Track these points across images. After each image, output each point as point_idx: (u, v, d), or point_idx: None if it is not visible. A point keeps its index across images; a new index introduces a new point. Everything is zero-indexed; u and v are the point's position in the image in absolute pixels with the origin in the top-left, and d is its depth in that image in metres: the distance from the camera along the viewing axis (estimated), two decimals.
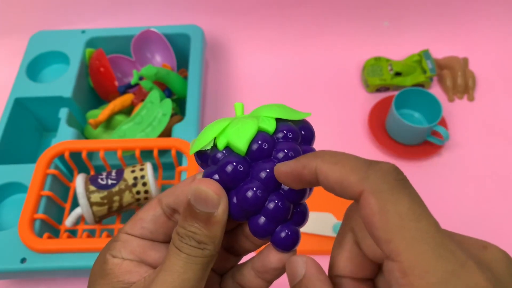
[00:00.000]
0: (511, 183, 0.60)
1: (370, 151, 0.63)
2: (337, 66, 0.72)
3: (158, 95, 0.56)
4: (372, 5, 0.73)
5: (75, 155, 0.51)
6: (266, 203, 0.19)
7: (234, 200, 0.19)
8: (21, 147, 0.59)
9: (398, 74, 0.68)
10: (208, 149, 0.20)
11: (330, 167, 0.17)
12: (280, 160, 0.19)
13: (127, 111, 0.61)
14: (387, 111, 0.63)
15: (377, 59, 0.70)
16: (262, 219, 0.19)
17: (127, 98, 0.60)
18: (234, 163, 0.19)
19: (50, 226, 0.48)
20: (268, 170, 0.19)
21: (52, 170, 0.49)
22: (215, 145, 0.20)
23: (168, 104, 0.55)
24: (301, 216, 0.20)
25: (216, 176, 0.19)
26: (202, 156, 0.20)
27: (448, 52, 0.71)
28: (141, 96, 0.59)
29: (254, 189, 0.19)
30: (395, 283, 0.15)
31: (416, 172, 0.61)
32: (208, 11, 0.74)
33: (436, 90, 0.69)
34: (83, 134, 0.60)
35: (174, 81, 0.60)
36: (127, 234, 0.22)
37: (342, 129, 0.65)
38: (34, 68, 0.63)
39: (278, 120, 0.20)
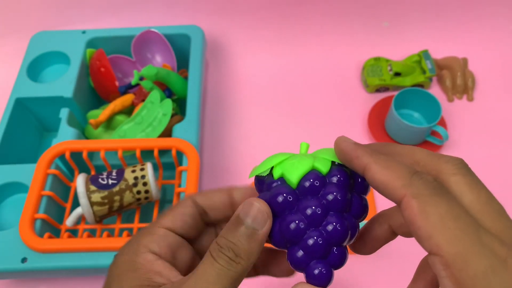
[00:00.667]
0: (511, 182, 0.60)
1: None
2: (337, 66, 0.72)
3: (158, 95, 0.56)
4: (371, 5, 0.73)
5: (76, 155, 0.51)
6: (306, 237, 0.20)
7: (278, 227, 0.20)
8: (22, 147, 0.59)
9: (397, 74, 0.68)
10: (265, 176, 0.22)
11: (380, 170, 0.19)
12: (327, 201, 0.20)
13: (128, 111, 0.61)
14: (386, 111, 0.64)
15: (377, 59, 0.70)
16: (300, 252, 0.20)
17: (127, 98, 0.60)
18: (284, 194, 0.20)
19: (50, 226, 0.48)
20: (313, 207, 0.20)
21: (52, 170, 0.49)
22: (271, 174, 0.21)
23: (168, 104, 0.55)
24: (339, 258, 0.20)
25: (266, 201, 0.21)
26: (259, 181, 0.22)
27: (448, 53, 0.71)
28: (142, 96, 0.59)
29: (297, 221, 0.20)
30: (438, 275, 0.16)
31: None
32: (208, 12, 0.74)
33: (435, 90, 0.69)
34: (83, 134, 0.61)
35: (175, 81, 0.61)
36: (166, 229, 0.22)
37: (342, 129, 0.65)
38: (34, 68, 0.63)
39: (335, 164, 0.21)
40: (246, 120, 0.67)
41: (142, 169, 0.48)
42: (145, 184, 0.47)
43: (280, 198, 0.20)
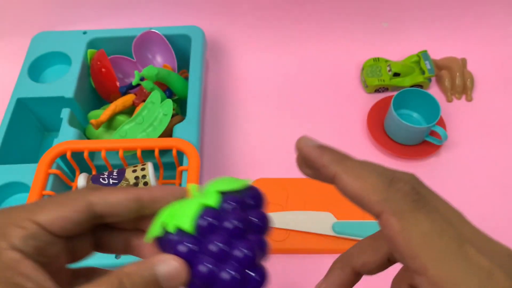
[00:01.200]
0: (509, 182, 0.60)
1: (369, 151, 0.63)
2: (336, 67, 0.73)
3: (159, 95, 0.57)
4: (371, 6, 0.73)
5: (77, 155, 0.52)
6: (222, 275, 0.19)
7: (192, 277, 0.20)
8: (23, 147, 0.60)
9: (396, 74, 0.68)
10: (162, 236, 0.20)
11: (351, 181, 0.18)
12: (230, 231, 0.19)
13: (129, 111, 0.61)
14: (385, 111, 0.64)
15: (376, 60, 0.71)
16: None
17: (128, 98, 0.60)
18: (185, 243, 0.19)
19: None
20: (216, 243, 0.19)
21: (54, 170, 0.49)
22: (166, 230, 0.20)
23: (169, 104, 0.55)
24: (260, 276, 0.20)
25: None
26: (160, 242, 0.20)
27: (447, 53, 0.72)
28: (142, 96, 0.60)
29: (207, 264, 0.19)
30: None
31: (414, 172, 0.60)
32: (209, 12, 0.74)
33: (434, 91, 0.70)
34: (84, 134, 0.61)
35: (175, 82, 0.61)
36: (39, 226, 0.18)
37: (341, 129, 0.66)
38: (36, 68, 0.63)
39: (224, 193, 0.20)
40: (246, 120, 0.67)
41: (143, 169, 0.48)
42: (146, 183, 0.47)
43: (183, 249, 0.19)
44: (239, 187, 0.21)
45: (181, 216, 0.20)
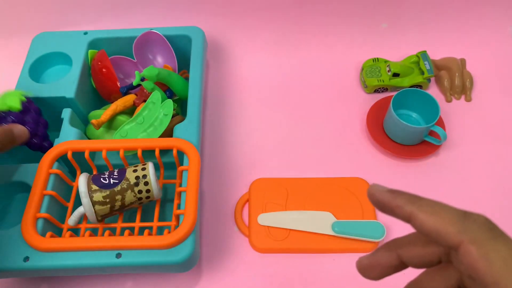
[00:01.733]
0: (508, 182, 0.60)
1: (368, 151, 0.64)
2: (335, 67, 0.73)
3: (159, 95, 0.57)
4: (370, 6, 0.74)
5: (78, 155, 0.52)
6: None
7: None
8: (24, 147, 0.60)
9: (396, 75, 0.68)
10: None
11: (427, 218, 0.19)
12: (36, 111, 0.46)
13: (129, 111, 0.62)
14: (385, 111, 0.64)
15: (375, 60, 0.71)
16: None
17: (129, 98, 0.60)
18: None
19: (53, 225, 0.48)
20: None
21: (55, 170, 0.50)
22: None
23: (169, 104, 0.56)
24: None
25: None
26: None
27: (446, 53, 0.72)
28: (143, 96, 0.60)
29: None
30: None
31: (414, 172, 0.61)
32: (209, 13, 0.74)
33: (433, 91, 0.70)
34: (85, 134, 0.61)
35: (176, 82, 0.61)
36: None
37: (341, 129, 0.66)
38: (36, 69, 0.63)
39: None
40: (246, 120, 0.67)
41: (143, 169, 0.48)
42: (146, 183, 0.48)
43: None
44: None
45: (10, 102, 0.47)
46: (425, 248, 0.21)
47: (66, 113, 0.57)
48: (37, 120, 0.55)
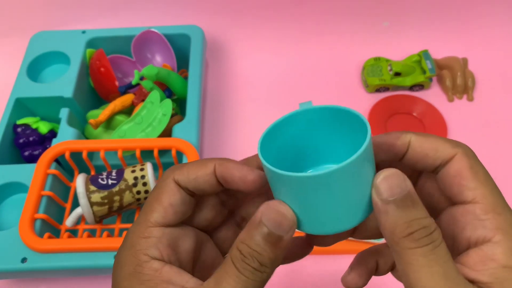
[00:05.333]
0: (510, 182, 0.60)
1: None
2: (336, 66, 0.72)
3: (158, 95, 0.56)
4: (371, 5, 0.73)
5: (76, 155, 0.51)
6: None
7: None
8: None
9: (397, 74, 0.68)
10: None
11: (425, 139, 0.21)
12: None
13: (128, 111, 0.61)
14: (386, 111, 0.64)
15: (377, 59, 0.70)
16: None
17: (127, 98, 0.60)
18: None
19: (50, 226, 0.48)
20: None
21: (52, 170, 0.49)
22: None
23: (168, 104, 0.55)
24: None
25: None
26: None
27: (448, 53, 0.71)
28: (142, 96, 0.59)
29: None
30: (474, 218, 0.19)
31: None
32: (208, 12, 0.74)
33: (435, 90, 0.70)
34: (83, 134, 0.61)
35: (175, 81, 0.61)
36: (160, 227, 0.20)
37: None
38: (34, 68, 0.63)
39: None
40: (246, 120, 0.67)
41: (142, 169, 0.48)
42: (145, 184, 0.47)
43: None
44: None
45: None
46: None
47: (64, 113, 0.57)
48: None
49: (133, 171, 0.48)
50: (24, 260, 0.44)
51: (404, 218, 0.18)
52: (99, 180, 0.47)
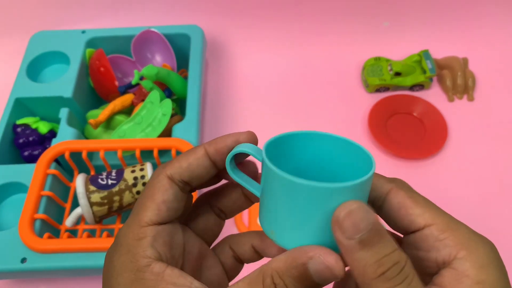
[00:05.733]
0: (510, 182, 0.60)
1: (370, 150, 0.63)
2: (337, 66, 0.72)
3: (158, 95, 0.56)
4: (372, 5, 0.73)
5: (76, 155, 0.51)
6: None
7: None
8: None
9: (398, 74, 0.68)
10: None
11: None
12: None
13: (127, 111, 0.61)
14: (387, 111, 0.64)
15: (377, 59, 0.70)
16: None
17: (127, 98, 0.60)
18: None
19: (50, 226, 0.48)
20: None
21: (52, 170, 0.49)
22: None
23: (168, 104, 0.55)
24: None
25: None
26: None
27: (448, 52, 0.71)
28: (141, 96, 0.59)
29: None
30: (435, 240, 0.19)
31: (416, 171, 0.61)
32: (208, 11, 0.74)
33: (436, 90, 0.69)
34: (83, 134, 0.60)
35: (175, 81, 0.61)
36: (153, 226, 0.20)
37: (342, 128, 0.65)
38: (34, 68, 0.63)
39: None
40: (246, 120, 0.67)
41: (141, 169, 0.48)
42: (144, 184, 0.47)
43: None
44: None
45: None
46: None
47: (64, 113, 0.57)
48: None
49: (133, 171, 0.48)
50: (23, 260, 0.44)
51: (374, 257, 0.17)
52: (99, 180, 0.47)
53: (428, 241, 0.20)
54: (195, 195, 0.42)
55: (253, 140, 0.23)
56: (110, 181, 0.47)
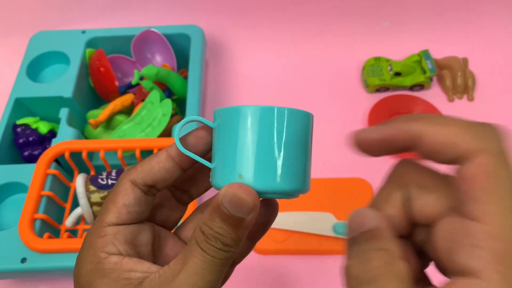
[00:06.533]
0: None
1: None
2: (337, 66, 0.72)
3: (158, 95, 0.56)
4: (372, 5, 0.73)
5: (76, 155, 0.51)
6: None
7: None
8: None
9: (397, 74, 0.68)
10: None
11: (440, 129, 0.17)
12: None
13: (127, 111, 0.61)
14: (386, 111, 0.64)
15: (377, 59, 0.70)
16: None
17: (127, 98, 0.60)
18: None
19: (50, 226, 0.48)
20: None
21: (52, 170, 0.49)
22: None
23: (168, 104, 0.55)
24: None
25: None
26: None
27: (448, 52, 0.71)
28: (141, 96, 0.59)
29: None
30: (474, 245, 0.15)
31: None
32: (208, 11, 0.74)
33: (435, 90, 0.69)
34: (83, 134, 0.60)
35: (175, 81, 0.61)
36: (114, 226, 0.21)
37: (342, 128, 0.65)
38: (34, 68, 0.63)
39: None
40: None
41: None
42: None
43: None
44: None
45: None
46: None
47: (64, 113, 0.57)
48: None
49: None
50: (24, 260, 0.44)
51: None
52: (99, 180, 0.47)
53: (467, 240, 0.16)
54: (194, 204, 0.41)
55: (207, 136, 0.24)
56: (110, 181, 0.47)
